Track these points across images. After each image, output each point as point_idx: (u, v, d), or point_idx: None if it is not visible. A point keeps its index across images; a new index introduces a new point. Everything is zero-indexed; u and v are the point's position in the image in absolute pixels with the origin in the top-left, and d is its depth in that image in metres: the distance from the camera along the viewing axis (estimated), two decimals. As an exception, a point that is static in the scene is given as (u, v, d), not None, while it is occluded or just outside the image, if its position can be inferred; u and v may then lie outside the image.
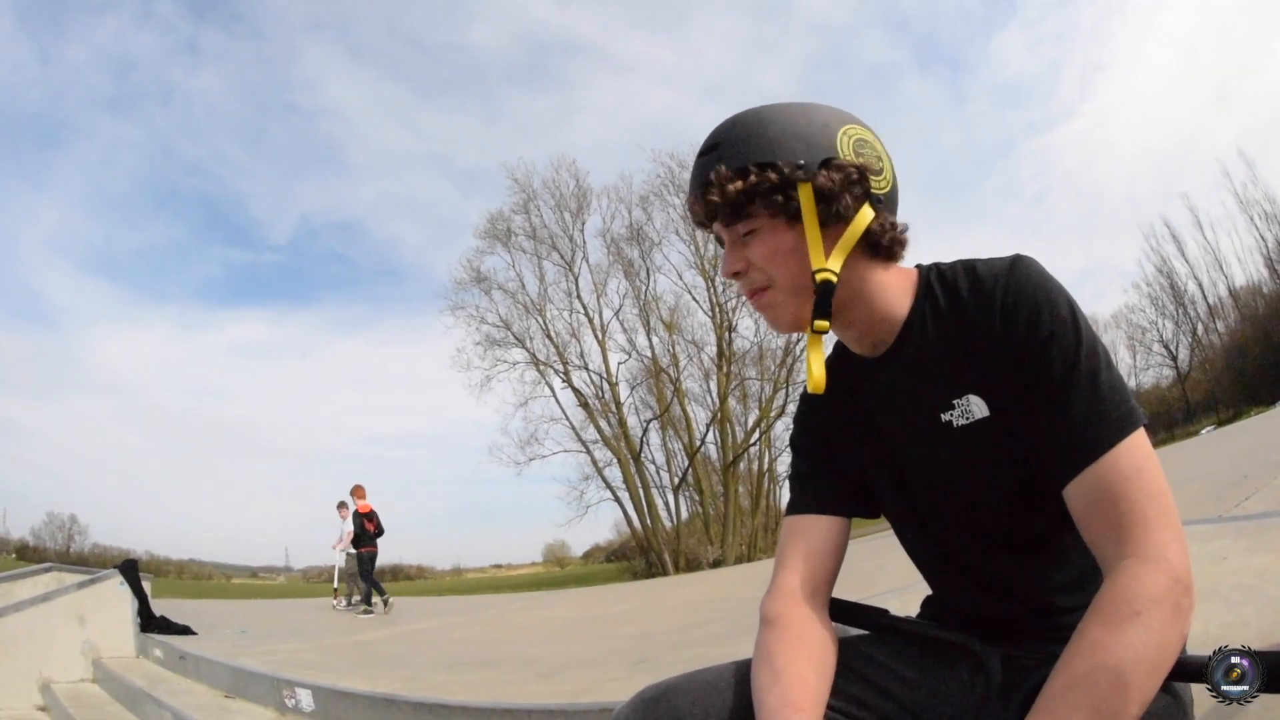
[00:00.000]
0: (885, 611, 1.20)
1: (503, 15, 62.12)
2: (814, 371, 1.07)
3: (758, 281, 1.08)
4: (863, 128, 1.08)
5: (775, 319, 1.10)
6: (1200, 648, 0.91)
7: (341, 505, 13.39)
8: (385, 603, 12.58)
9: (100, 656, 6.72)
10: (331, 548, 13.41)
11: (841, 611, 1.19)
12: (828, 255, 1.04)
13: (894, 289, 1.10)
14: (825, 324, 1.05)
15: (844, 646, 1.12)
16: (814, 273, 1.03)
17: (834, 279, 1.03)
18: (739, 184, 1.02)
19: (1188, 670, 0.87)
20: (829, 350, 1.27)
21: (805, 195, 1.02)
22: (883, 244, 1.06)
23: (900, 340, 1.11)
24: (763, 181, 1.02)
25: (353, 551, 12.93)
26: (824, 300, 1.04)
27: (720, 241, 1.12)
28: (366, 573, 12.78)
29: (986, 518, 1.08)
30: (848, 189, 1.02)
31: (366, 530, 12.69)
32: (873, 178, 1.04)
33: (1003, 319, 1.00)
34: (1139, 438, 0.92)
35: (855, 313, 1.09)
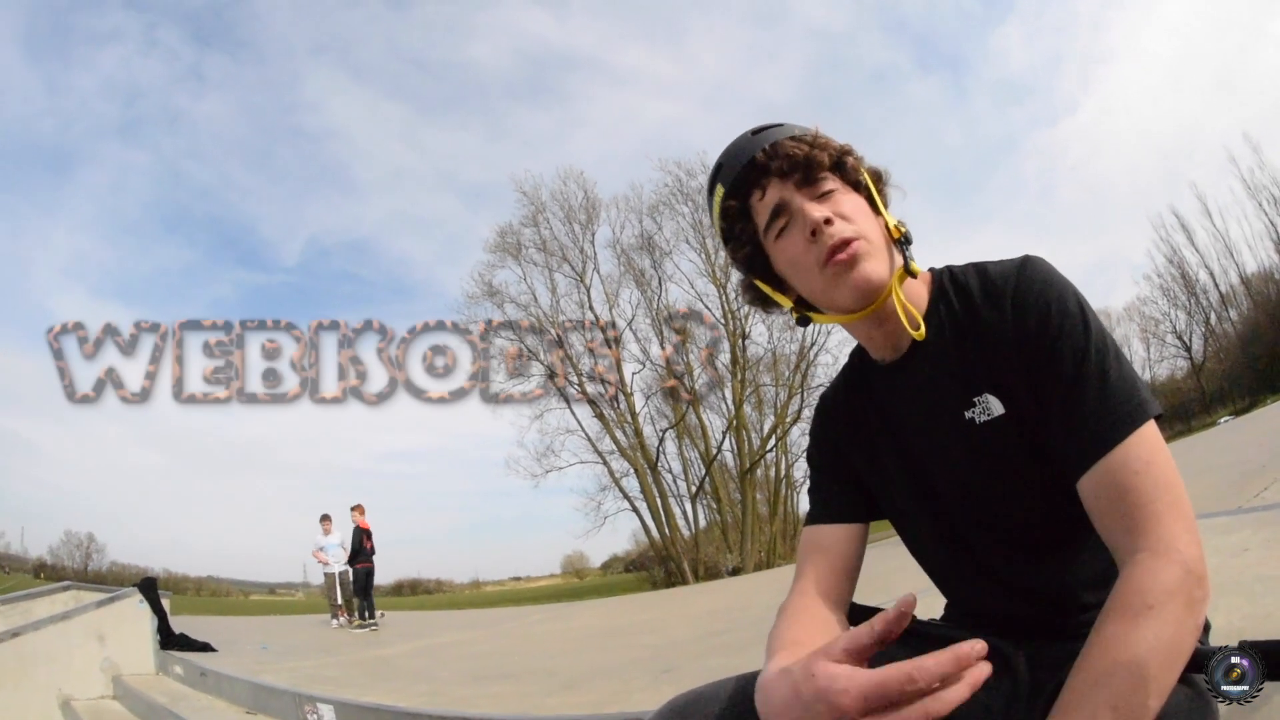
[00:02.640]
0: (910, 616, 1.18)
1: (502, 32, 62.53)
2: (913, 315, 1.09)
3: (849, 231, 1.07)
4: None
5: (869, 268, 1.07)
6: (1224, 642, 0.90)
7: (325, 519, 13.40)
8: (369, 624, 12.52)
9: (120, 674, 6.75)
10: (319, 559, 13.29)
11: (863, 616, 1.20)
12: None
13: (912, 291, 1.13)
14: (917, 267, 1.12)
15: None
16: (892, 228, 1.12)
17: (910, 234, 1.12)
18: (824, 142, 1.10)
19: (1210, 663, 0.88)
20: (842, 360, 1.33)
21: (865, 175, 1.13)
22: (899, 239, 1.13)
23: (918, 342, 1.12)
24: (844, 151, 1.11)
25: (343, 568, 12.96)
26: (908, 249, 1.12)
27: (739, 222, 1.15)
28: (365, 588, 12.87)
29: (1010, 516, 1.09)
30: (884, 183, 1.16)
31: (365, 547, 12.85)
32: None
33: (1013, 318, 1.03)
34: (1149, 430, 0.93)
35: (889, 307, 1.10)
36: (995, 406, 1.04)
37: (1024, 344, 1.00)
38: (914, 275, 1.11)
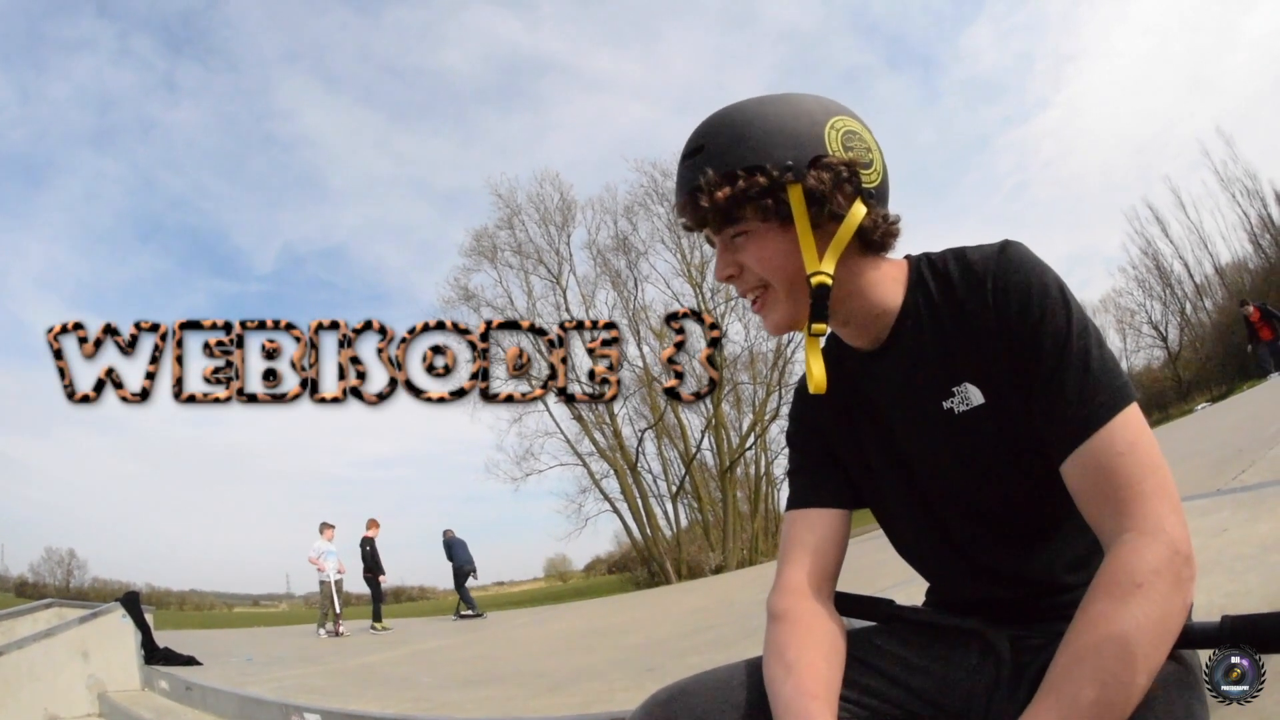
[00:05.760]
0: (891, 602, 1.22)
1: (473, 38, 62.07)
2: (814, 372, 1.08)
3: (751, 284, 1.08)
4: (850, 118, 1.06)
5: (771, 321, 1.09)
6: (1206, 618, 0.92)
7: (328, 527, 13.58)
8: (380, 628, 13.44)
9: (106, 690, 6.69)
10: (339, 571, 13.40)
11: (848, 604, 1.20)
12: (821, 256, 1.03)
13: (887, 281, 1.10)
14: (823, 326, 1.06)
15: (853, 638, 1.14)
16: (809, 276, 1.03)
17: (829, 281, 1.03)
18: (727, 190, 1.01)
19: (1194, 638, 0.89)
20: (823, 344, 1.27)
21: (795, 197, 1.01)
22: (874, 239, 1.06)
23: (896, 332, 1.11)
24: (751, 186, 1.00)
25: (338, 577, 13.34)
26: (820, 303, 1.04)
27: (711, 243, 1.12)
28: (380, 595, 14.01)
29: (990, 503, 1.08)
30: (839, 188, 1.01)
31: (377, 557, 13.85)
32: (863, 172, 1.03)
33: (994, 304, 1.01)
34: (1132, 413, 0.93)
35: (851, 308, 1.09)
36: (974, 396, 1.04)
37: (1005, 329, 1.00)
38: (817, 335, 1.07)
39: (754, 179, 1.00)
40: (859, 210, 1.04)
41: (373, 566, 13.90)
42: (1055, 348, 0.96)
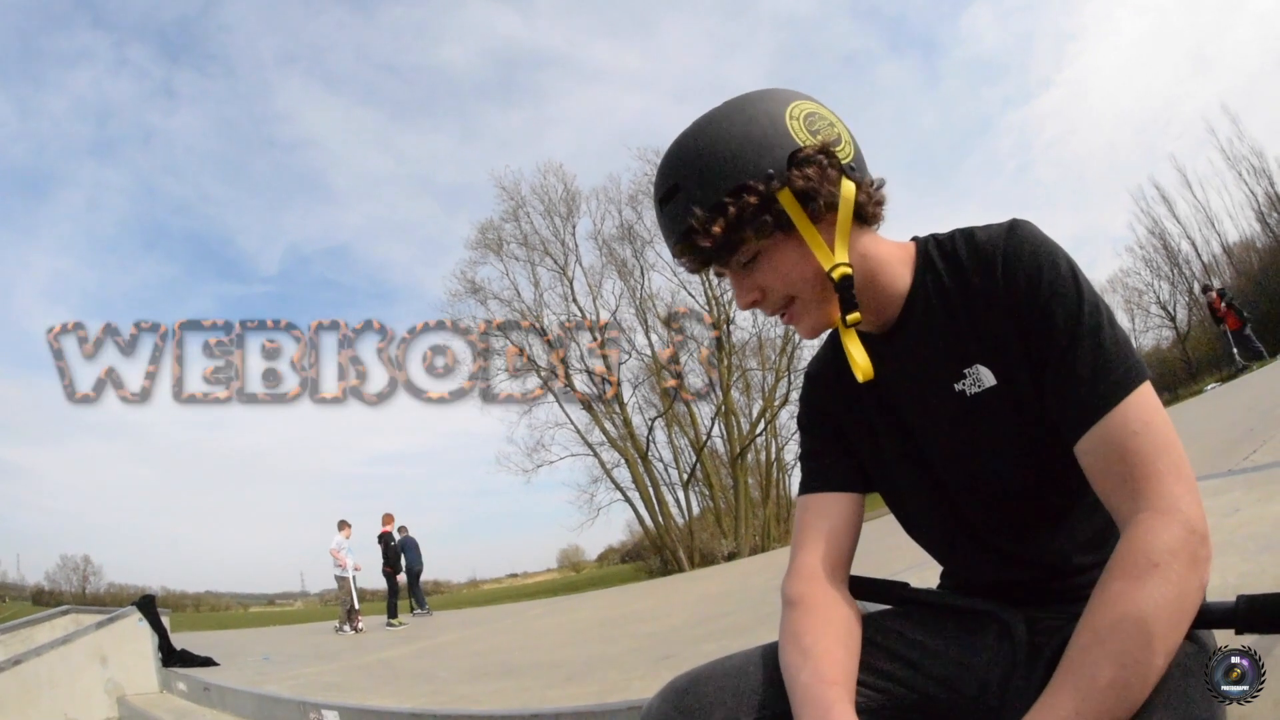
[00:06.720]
0: (906, 585, 1.21)
1: (471, 34, 62.18)
2: (859, 361, 1.08)
3: (777, 303, 1.07)
4: (804, 99, 1.05)
5: (806, 327, 1.09)
6: (1220, 598, 0.91)
7: (345, 524, 13.56)
8: (397, 622, 13.54)
9: (124, 694, 6.74)
10: (355, 568, 13.40)
11: (862, 588, 1.19)
12: (833, 248, 1.03)
13: (895, 263, 1.10)
14: (857, 315, 1.05)
15: (867, 622, 1.13)
16: (829, 272, 1.03)
17: (850, 271, 1.03)
18: (721, 222, 0.99)
19: (1210, 618, 0.88)
20: (829, 330, 1.25)
21: (788, 201, 1.00)
22: (869, 211, 1.06)
23: (905, 314, 1.10)
24: (743, 209, 0.98)
25: (346, 574, 13.28)
26: (848, 293, 1.04)
27: (719, 275, 1.10)
28: (397, 590, 14.16)
29: (1003, 485, 1.07)
30: (824, 176, 1.00)
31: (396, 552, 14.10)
32: (836, 150, 1.02)
33: (1004, 282, 1.00)
34: (1145, 391, 0.92)
35: (863, 292, 1.08)
36: (986, 378, 1.04)
37: (1015, 309, 0.99)
38: (852, 325, 1.06)
39: (743, 200, 0.98)
40: (849, 189, 1.03)
41: (392, 561, 14.00)
42: (1067, 326, 0.96)
